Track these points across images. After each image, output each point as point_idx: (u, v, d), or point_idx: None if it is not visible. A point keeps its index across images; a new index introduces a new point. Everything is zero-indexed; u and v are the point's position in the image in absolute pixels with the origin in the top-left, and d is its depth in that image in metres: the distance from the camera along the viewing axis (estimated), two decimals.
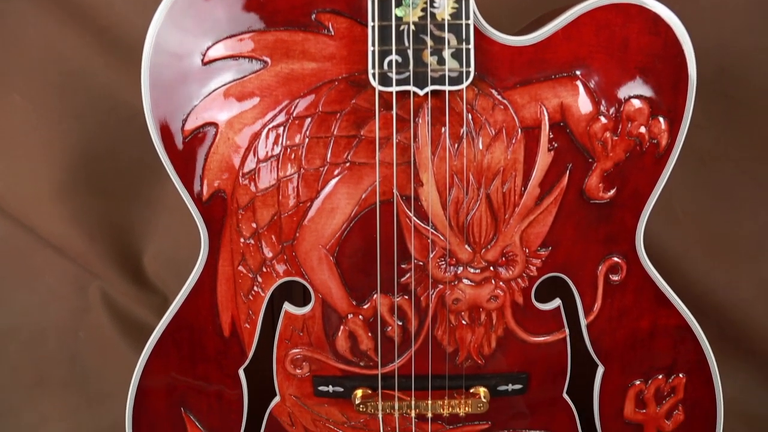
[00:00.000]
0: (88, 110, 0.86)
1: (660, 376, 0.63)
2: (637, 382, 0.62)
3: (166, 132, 0.55)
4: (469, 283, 0.56)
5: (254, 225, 0.56)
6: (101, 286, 0.93)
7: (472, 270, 0.56)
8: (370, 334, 0.58)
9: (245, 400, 0.62)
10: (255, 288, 0.58)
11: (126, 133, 0.87)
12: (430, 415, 0.59)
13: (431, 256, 0.55)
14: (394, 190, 0.53)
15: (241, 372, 0.61)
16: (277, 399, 0.61)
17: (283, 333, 0.59)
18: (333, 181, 0.54)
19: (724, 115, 0.89)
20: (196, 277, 0.59)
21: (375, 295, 0.56)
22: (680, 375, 0.63)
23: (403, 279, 0.56)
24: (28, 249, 0.93)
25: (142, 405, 0.64)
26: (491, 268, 0.56)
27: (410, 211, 0.54)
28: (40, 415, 0.92)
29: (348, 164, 0.53)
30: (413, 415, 0.59)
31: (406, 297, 0.56)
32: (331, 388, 0.59)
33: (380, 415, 0.59)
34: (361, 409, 0.58)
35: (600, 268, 0.58)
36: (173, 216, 0.91)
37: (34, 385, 0.93)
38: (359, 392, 0.59)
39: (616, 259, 0.58)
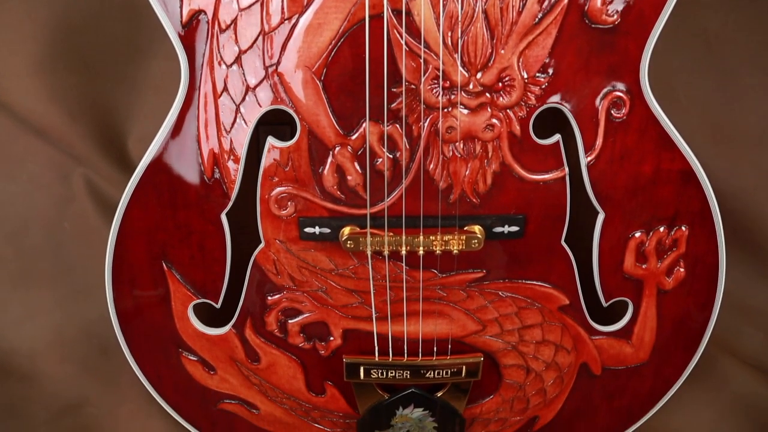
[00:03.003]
0: None
1: (662, 228, 0.60)
2: (638, 234, 0.60)
3: None
4: (464, 110, 0.53)
5: (236, 48, 0.53)
6: (85, 174, 0.90)
7: (466, 95, 0.53)
8: (358, 168, 0.55)
9: (228, 248, 0.59)
10: (238, 120, 0.55)
11: (109, 6, 0.83)
12: (421, 252, 0.56)
13: (423, 78, 0.52)
14: (384, 2, 0.50)
15: (223, 217, 0.58)
16: (261, 246, 0.59)
17: (267, 170, 0.56)
18: None
19: None
20: (174, 115, 0.56)
21: (364, 124, 0.53)
22: (682, 227, 0.60)
23: (393, 104, 0.53)
24: (7, 136, 0.89)
25: (121, 260, 0.62)
26: (487, 94, 0.53)
27: (401, 27, 0.51)
28: (26, 309, 0.89)
29: None
30: (403, 252, 0.56)
31: (397, 125, 0.53)
32: (317, 230, 0.57)
33: (369, 252, 0.56)
34: (348, 246, 0.56)
35: (602, 102, 0.55)
36: (159, 97, 0.88)
37: (19, 278, 0.91)
38: (347, 229, 0.56)
39: (618, 93, 0.55)
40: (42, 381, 0.86)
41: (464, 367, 0.61)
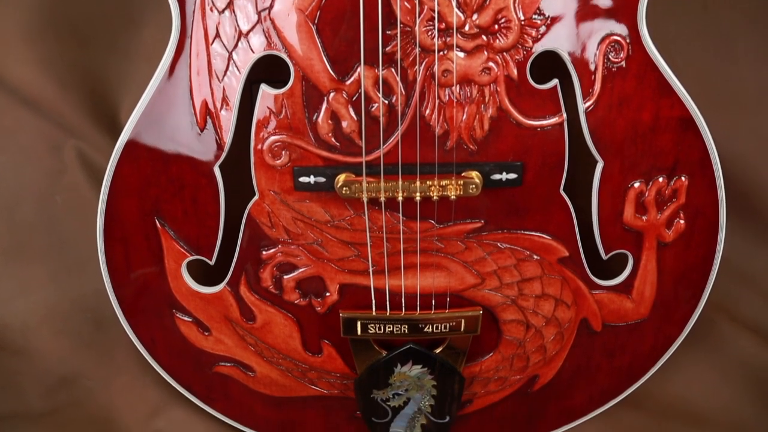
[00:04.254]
0: None
1: (661, 179, 0.59)
2: (637, 184, 0.59)
3: None
4: (460, 53, 0.52)
5: None
6: (77, 145, 0.89)
7: (462, 38, 0.52)
8: (353, 114, 0.54)
9: (222, 201, 0.58)
10: (230, 68, 0.54)
11: None
12: (418, 197, 0.55)
13: (418, 19, 0.51)
14: None
15: (216, 169, 0.57)
16: (255, 198, 0.58)
17: (260, 119, 0.55)
18: None
19: None
20: (166, 65, 0.56)
21: (358, 68, 0.53)
22: (682, 177, 0.60)
23: (388, 47, 0.52)
24: None
25: (113, 218, 0.61)
26: (483, 36, 0.52)
27: None
28: (18, 284, 0.88)
29: None
30: (400, 198, 0.55)
31: (392, 69, 0.52)
32: (312, 179, 0.56)
33: (365, 199, 0.55)
34: (344, 192, 0.55)
35: (599, 46, 0.54)
36: (152, 67, 0.86)
37: (11, 253, 0.90)
38: (342, 175, 0.55)
39: (616, 37, 0.54)
40: (36, 355, 0.84)
41: (463, 320, 0.60)
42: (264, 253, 0.60)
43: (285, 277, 0.61)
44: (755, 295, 0.89)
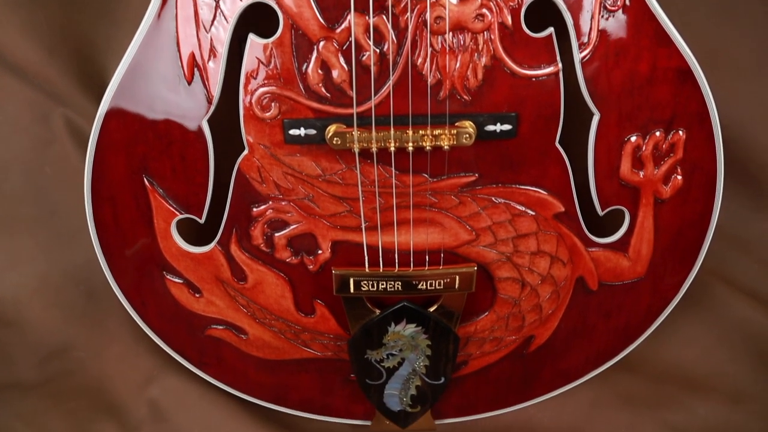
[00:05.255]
0: None
1: (658, 133, 0.58)
2: (634, 138, 0.58)
3: None
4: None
5: None
6: (65, 114, 0.88)
7: None
8: (344, 63, 0.53)
9: (211, 156, 0.57)
10: (218, 17, 0.53)
11: None
12: (410, 148, 0.54)
13: None
14: None
15: (204, 123, 0.56)
16: (245, 152, 0.57)
17: (249, 70, 0.54)
18: None
19: None
20: (152, 16, 0.54)
21: (348, 16, 0.51)
22: (680, 132, 0.59)
23: None
24: None
25: (101, 176, 0.59)
26: None
27: None
28: (8, 257, 0.87)
29: None
30: (392, 149, 0.54)
31: (383, 16, 0.51)
32: (302, 131, 0.55)
33: (356, 150, 0.54)
34: (335, 143, 0.53)
35: None
36: None
37: (0, 225, 0.89)
38: (333, 126, 0.54)
39: None
40: (28, 327, 0.84)
41: (457, 277, 0.59)
42: (254, 209, 0.59)
43: (276, 234, 0.60)
44: (750, 260, 0.88)
